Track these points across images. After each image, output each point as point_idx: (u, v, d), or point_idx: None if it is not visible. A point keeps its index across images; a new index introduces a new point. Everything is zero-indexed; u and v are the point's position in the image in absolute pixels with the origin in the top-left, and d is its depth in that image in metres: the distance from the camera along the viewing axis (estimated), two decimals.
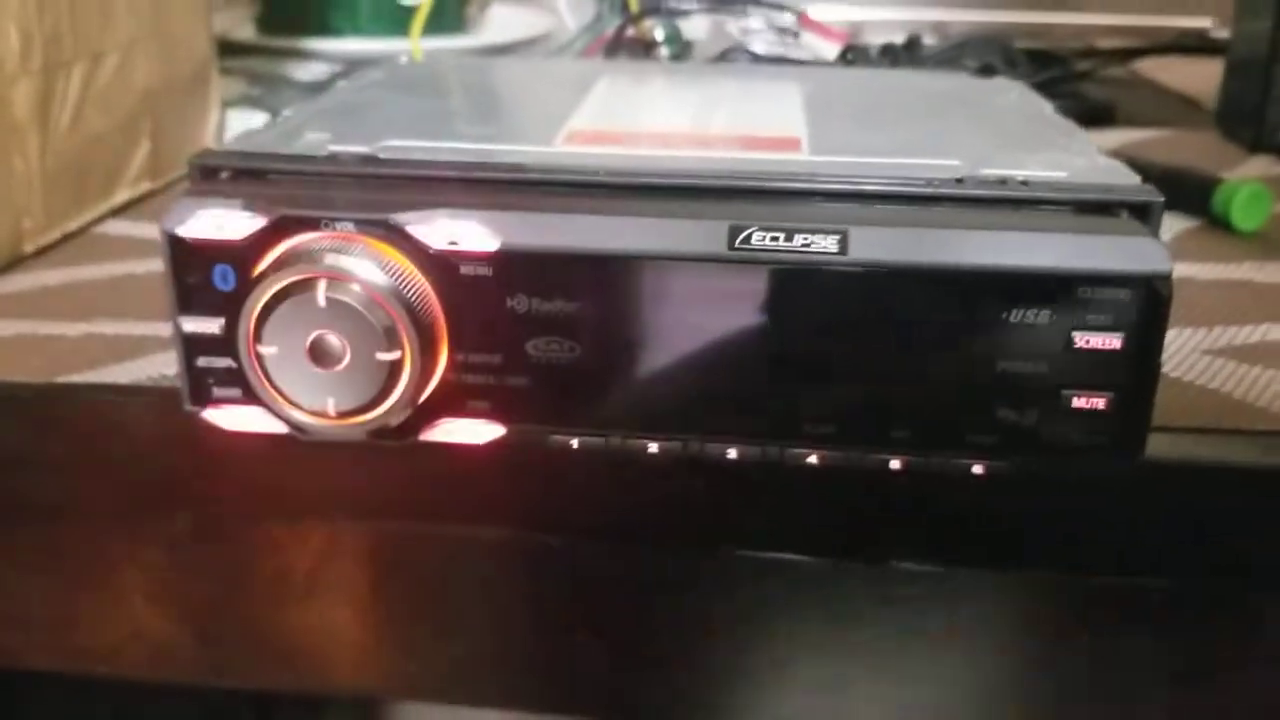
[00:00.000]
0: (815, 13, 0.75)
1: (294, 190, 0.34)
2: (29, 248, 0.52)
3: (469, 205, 0.33)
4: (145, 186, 0.62)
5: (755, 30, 0.76)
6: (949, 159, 0.36)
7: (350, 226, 0.33)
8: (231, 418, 0.35)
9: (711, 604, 0.32)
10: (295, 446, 0.36)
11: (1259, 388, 0.41)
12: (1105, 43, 1.05)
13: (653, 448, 0.34)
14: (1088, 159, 0.37)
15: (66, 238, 0.55)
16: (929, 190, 0.33)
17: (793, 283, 0.32)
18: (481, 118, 0.45)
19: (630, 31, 0.69)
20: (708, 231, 0.32)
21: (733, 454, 0.34)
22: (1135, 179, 0.35)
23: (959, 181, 0.34)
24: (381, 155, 0.36)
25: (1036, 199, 0.33)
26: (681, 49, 0.73)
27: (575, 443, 0.35)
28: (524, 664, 0.31)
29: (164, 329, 0.44)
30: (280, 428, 0.35)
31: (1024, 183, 0.34)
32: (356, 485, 0.37)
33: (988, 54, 0.66)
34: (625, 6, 0.74)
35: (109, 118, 0.58)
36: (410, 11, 0.83)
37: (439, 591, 0.33)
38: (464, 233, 0.33)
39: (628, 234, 0.33)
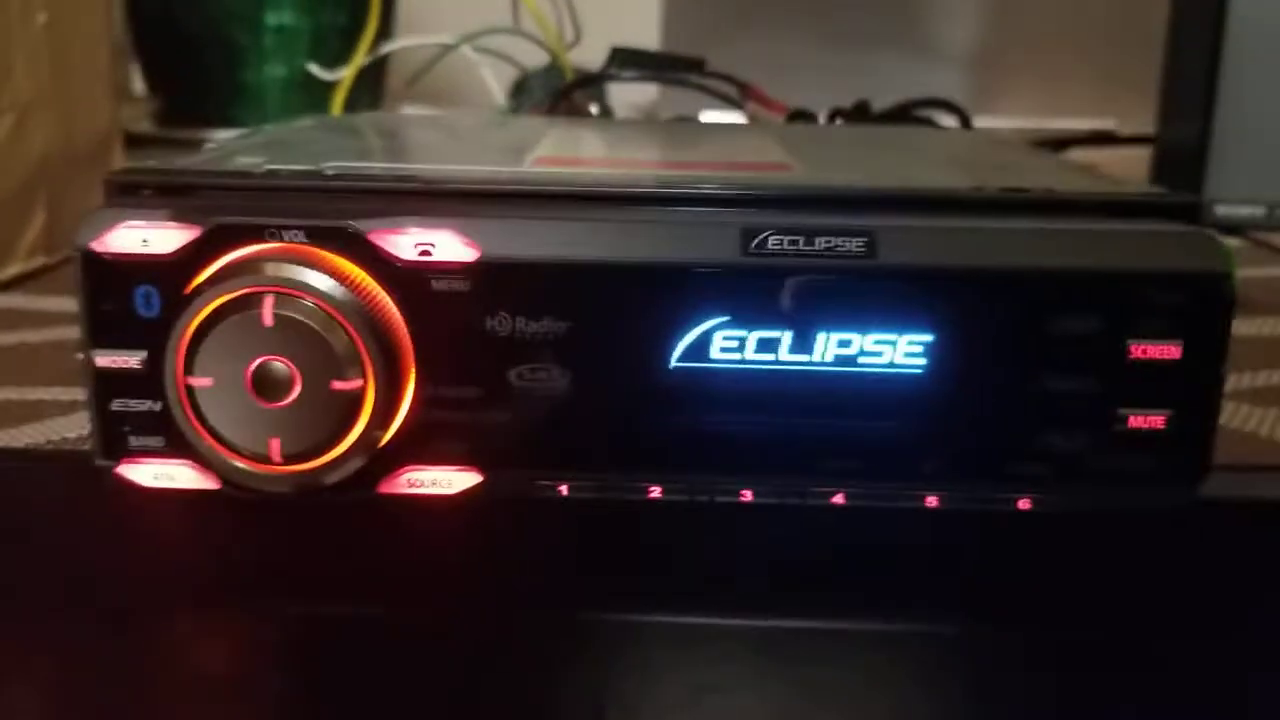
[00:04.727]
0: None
1: (231, 201, 0.29)
2: None
3: (441, 214, 0.29)
4: (39, 261, 0.56)
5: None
6: (956, 178, 0.33)
7: (301, 236, 0.28)
8: (151, 473, 0.30)
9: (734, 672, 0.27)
10: (221, 512, 0.30)
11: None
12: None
13: (655, 492, 0.30)
14: (1101, 177, 0.35)
15: None
16: (964, 195, 0.30)
17: (810, 292, 0.29)
18: (433, 151, 0.41)
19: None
20: (720, 237, 0.28)
21: (748, 496, 0.30)
22: (1159, 190, 0.32)
23: (978, 189, 0.31)
24: (329, 171, 0.31)
25: (1073, 201, 0.30)
26: None
27: (565, 489, 0.30)
28: None
29: (65, 394, 0.39)
30: (210, 483, 0.30)
31: (1049, 190, 0.31)
32: (297, 558, 0.32)
33: (938, 116, 0.65)
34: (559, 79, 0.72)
35: (0, 182, 0.52)
36: (324, 93, 0.79)
37: (400, 690, 0.27)
38: (438, 241, 0.28)
39: (629, 241, 0.28)
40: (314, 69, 0.81)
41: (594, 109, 0.69)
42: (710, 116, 0.71)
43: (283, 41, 0.88)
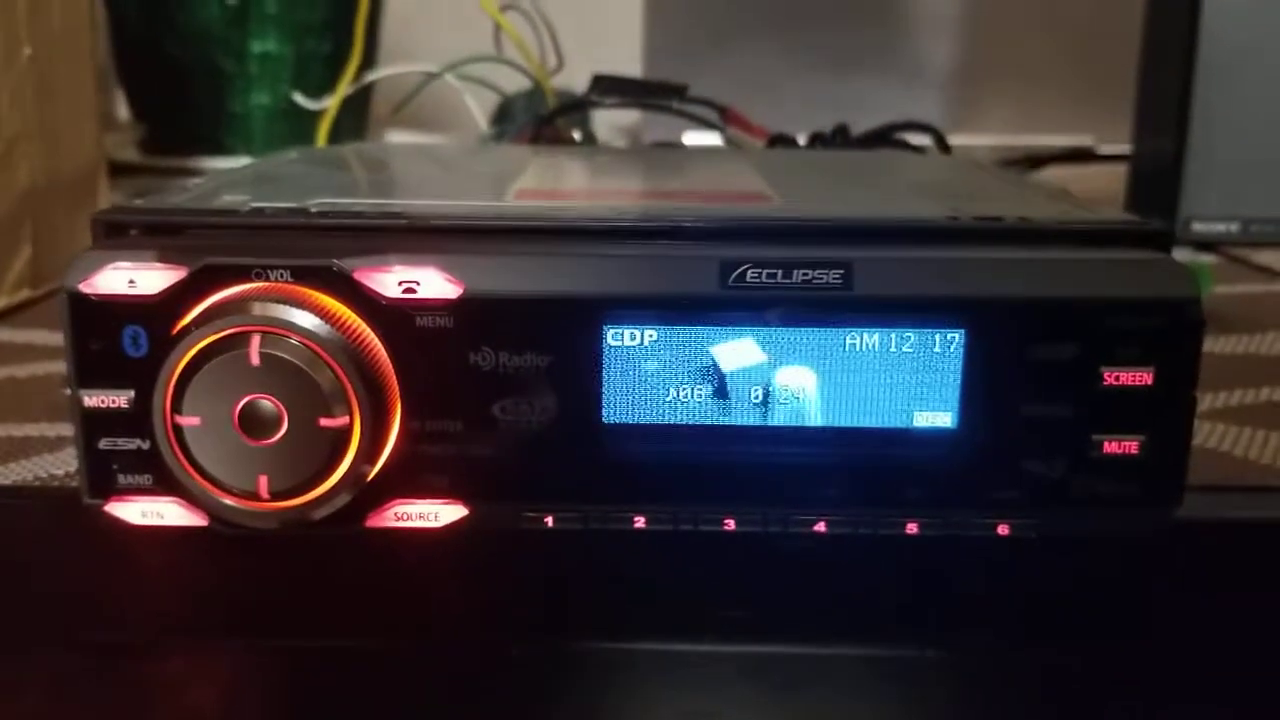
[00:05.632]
0: None
1: (217, 241, 0.30)
2: None
3: (425, 251, 0.29)
4: (24, 294, 0.56)
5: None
6: (930, 206, 0.33)
7: (286, 275, 0.29)
8: (139, 511, 0.30)
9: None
10: (209, 548, 0.30)
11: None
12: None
13: (639, 522, 0.30)
14: (1075, 205, 0.36)
15: None
16: (939, 224, 0.31)
17: (789, 323, 0.29)
18: (417, 185, 0.42)
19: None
20: (700, 270, 0.29)
21: (731, 525, 0.30)
22: (1130, 217, 0.33)
23: (954, 219, 0.31)
24: (313, 209, 0.31)
25: (1046, 230, 0.31)
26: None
27: (550, 520, 0.30)
28: None
29: (52, 430, 0.39)
30: (198, 520, 0.30)
31: (1022, 219, 0.31)
32: (285, 593, 0.32)
33: (917, 139, 0.65)
34: (542, 105, 0.72)
35: None
36: (309, 120, 0.80)
37: None
38: (422, 279, 0.29)
39: (610, 275, 0.29)
40: (299, 98, 0.82)
41: (577, 134, 0.70)
42: (692, 140, 0.72)
43: (267, 69, 0.88)
